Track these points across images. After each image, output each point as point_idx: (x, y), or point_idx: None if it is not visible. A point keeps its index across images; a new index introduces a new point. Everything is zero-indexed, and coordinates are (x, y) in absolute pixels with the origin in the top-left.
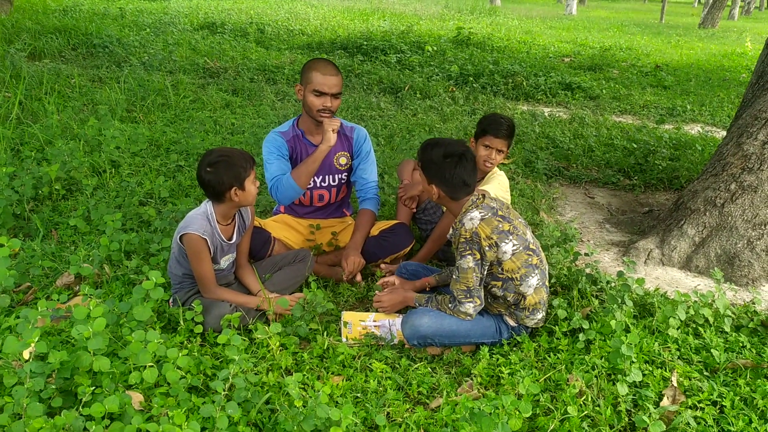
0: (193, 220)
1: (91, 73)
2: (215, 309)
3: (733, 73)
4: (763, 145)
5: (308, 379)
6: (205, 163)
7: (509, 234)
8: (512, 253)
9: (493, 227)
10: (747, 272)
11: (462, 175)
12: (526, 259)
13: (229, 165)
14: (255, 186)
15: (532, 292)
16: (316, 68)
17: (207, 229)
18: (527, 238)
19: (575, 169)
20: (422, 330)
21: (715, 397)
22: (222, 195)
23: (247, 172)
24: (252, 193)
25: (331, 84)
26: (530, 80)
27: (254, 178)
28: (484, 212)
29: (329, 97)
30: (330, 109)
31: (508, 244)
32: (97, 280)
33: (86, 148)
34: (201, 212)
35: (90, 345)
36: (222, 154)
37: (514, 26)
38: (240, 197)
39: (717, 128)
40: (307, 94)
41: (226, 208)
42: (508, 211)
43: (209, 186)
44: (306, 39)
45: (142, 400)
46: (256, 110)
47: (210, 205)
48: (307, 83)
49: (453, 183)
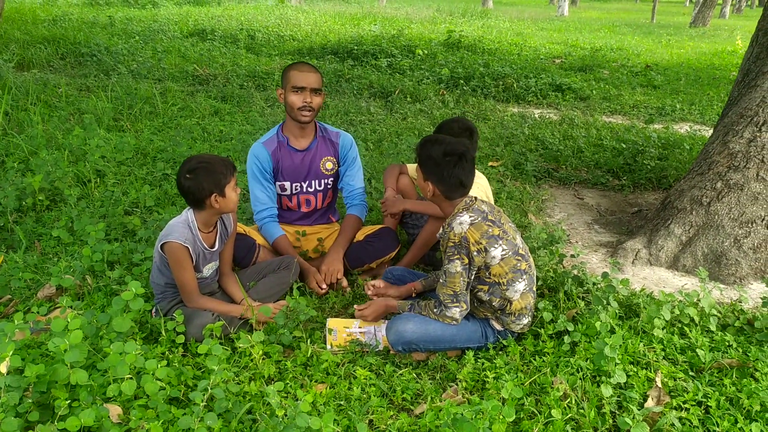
0: (174, 228)
1: (78, 82)
2: (197, 318)
3: (724, 72)
4: (749, 143)
5: (291, 388)
6: (185, 170)
7: (499, 239)
8: (501, 258)
9: (483, 232)
10: (734, 270)
11: (460, 175)
12: (515, 264)
13: (209, 171)
14: (236, 193)
15: (518, 297)
16: (293, 68)
17: (188, 237)
18: (517, 243)
19: (564, 170)
20: (407, 336)
21: (701, 397)
22: (202, 202)
23: (228, 178)
24: (233, 200)
25: (310, 79)
26: (521, 82)
27: (235, 184)
28: (474, 216)
29: (308, 92)
30: (311, 105)
31: (497, 249)
32: (79, 292)
33: (71, 157)
34: (182, 220)
35: (67, 358)
36: (201, 161)
37: (505, 28)
38: (221, 204)
39: (706, 127)
40: (288, 95)
41: (207, 216)
42: (499, 215)
43: (189, 193)
44: (297, 44)
45: (120, 413)
46: (245, 117)
47: (191, 213)
48: (287, 83)
49: (450, 182)
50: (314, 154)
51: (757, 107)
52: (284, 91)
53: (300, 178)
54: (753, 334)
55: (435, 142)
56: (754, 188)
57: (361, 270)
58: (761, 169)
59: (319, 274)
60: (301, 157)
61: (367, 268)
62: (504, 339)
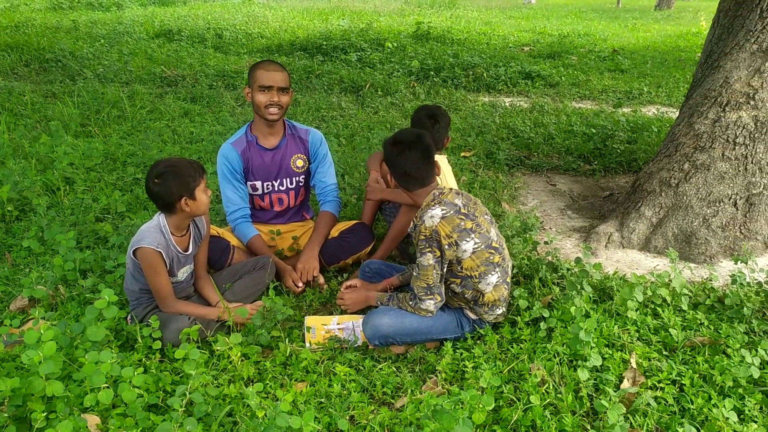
0: (145, 233)
1: (44, 88)
2: (173, 323)
3: (689, 53)
4: (714, 123)
5: (271, 388)
6: (153, 175)
7: (471, 232)
8: (472, 252)
9: (454, 225)
10: (704, 249)
11: (405, 165)
12: (487, 257)
13: (177, 175)
14: (207, 195)
15: (491, 290)
16: (260, 67)
17: (161, 242)
18: (490, 236)
19: (536, 157)
20: (383, 330)
21: (675, 375)
22: (173, 206)
23: (197, 181)
24: (204, 203)
25: (276, 78)
26: (490, 71)
27: (205, 187)
28: (446, 210)
29: (275, 91)
30: (278, 104)
31: (469, 242)
32: (52, 302)
33: (39, 166)
34: (154, 225)
35: (41, 370)
36: (169, 165)
37: (473, 18)
38: (191, 207)
39: (673, 108)
40: (255, 94)
41: (178, 219)
42: (474, 207)
43: (159, 198)
44: (265, 42)
45: (99, 423)
46: (215, 117)
47: (162, 218)
48: (253, 82)
49: (399, 171)
50: (284, 153)
51: (720, 88)
52: (251, 90)
53: (271, 177)
54: (724, 311)
55: (394, 134)
56: (720, 168)
57: (337, 266)
58: (726, 149)
59: (295, 273)
60: (270, 156)
61: (342, 264)
62: (480, 327)
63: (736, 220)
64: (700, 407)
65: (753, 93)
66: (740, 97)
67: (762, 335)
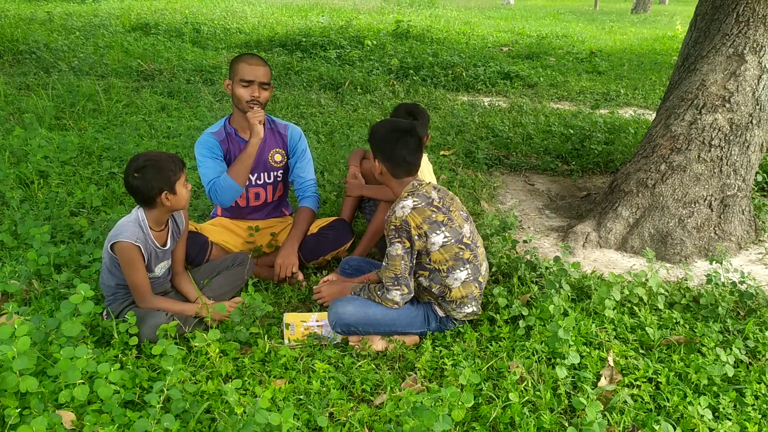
0: (124, 227)
1: (17, 80)
2: (150, 319)
3: (665, 57)
4: (690, 125)
5: (249, 385)
6: (132, 169)
7: (441, 225)
8: (441, 245)
9: (425, 217)
10: (679, 250)
11: (403, 152)
12: (457, 252)
13: (158, 169)
14: (187, 189)
15: (458, 285)
16: (242, 60)
17: (140, 237)
18: (462, 232)
19: (515, 157)
20: (345, 318)
21: (651, 374)
22: (152, 200)
23: (177, 175)
24: (184, 197)
25: (258, 73)
26: (470, 71)
27: (185, 180)
28: (418, 201)
29: (257, 86)
30: (258, 99)
31: (438, 235)
32: (25, 297)
33: (12, 159)
34: (132, 219)
35: (15, 365)
36: (149, 159)
37: (453, 17)
38: (172, 201)
39: (649, 110)
40: (236, 87)
41: (158, 214)
42: (450, 202)
43: (138, 192)
44: (244, 37)
45: (74, 419)
46: (193, 112)
47: (141, 212)
48: (234, 75)
49: (394, 159)
50: (262, 147)
51: (696, 90)
52: (232, 82)
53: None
54: (699, 310)
55: (384, 121)
56: (696, 169)
57: (316, 263)
58: (702, 151)
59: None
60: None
61: (322, 261)
62: (446, 327)
63: (710, 221)
64: (675, 405)
65: (729, 96)
66: (716, 99)
67: (736, 334)
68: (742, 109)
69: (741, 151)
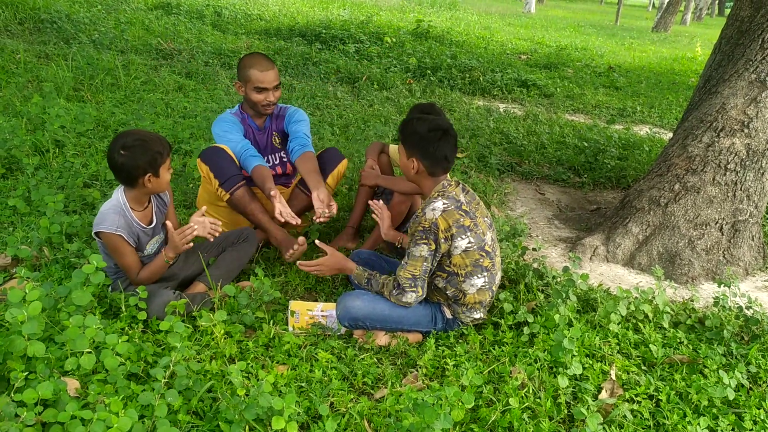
0: (104, 216)
1: (37, 49)
2: (159, 297)
3: (683, 77)
4: (707, 147)
5: (252, 368)
6: (119, 146)
7: (468, 230)
8: (464, 250)
9: (454, 220)
10: (687, 270)
11: (444, 150)
12: (477, 259)
13: (146, 150)
14: (169, 173)
15: (474, 292)
16: (253, 66)
17: (120, 224)
18: (485, 239)
19: (527, 165)
20: (353, 312)
21: (652, 390)
22: (135, 181)
23: (164, 158)
24: (165, 181)
25: (271, 79)
26: (487, 76)
27: (169, 165)
28: (448, 204)
29: (271, 90)
30: (272, 102)
31: (463, 240)
32: (35, 263)
33: (29, 126)
34: (112, 205)
35: (24, 329)
36: (138, 138)
37: (473, 21)
38: (153, 184)
39: (664, 130)
40: (249, 92)
41: (138, 194)
42: (476, 207)
43: (122, 170)
44: (264, 24)
45: (78, 387)
46: (209, 94)
47: (121, 194)
48: (247, 81)
49: (435, 157)
50: (269, 132)
51: (716, 113)
52: (244, 86)
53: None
54: (703, 332)
55: (419, 119)
56: (710, 192)
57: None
58: (717, 174)
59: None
60: (260, 135)
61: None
62: (452, 327)
63: (720, 244)
64: (674, 423)
65: (748, 121)
66: (735, 124)
67: (739, 358)
68: (760, 135)
69: (756, 177)
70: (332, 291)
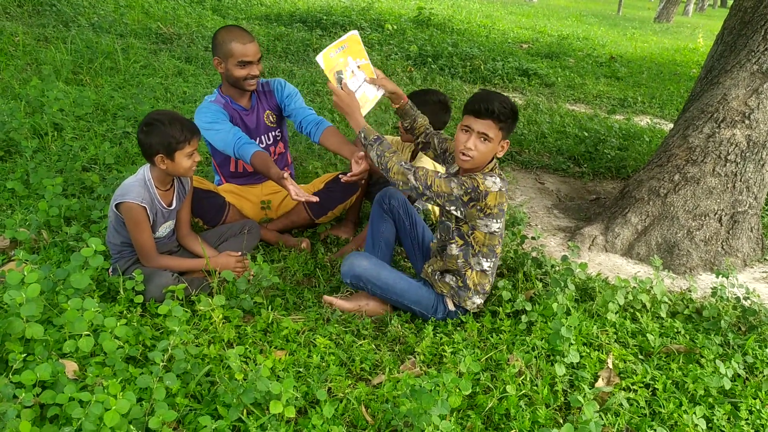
0: (129, 188)
1: (36, 31)
2: (157, 278)
3: (684, 68)
4: (708, 138)
5: (250, 353)
6: (144, 122)
7: (503, 216)
8: (491, 231)
9: (500, 202)
10: (685, 261)
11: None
12: (495, 244)
13: (161, 132)
14: (192, 160)
15: (478, 270)
16: (234, 39)
17: (146, 197)
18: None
19: (527, 154)
20: (358, 270)
21: (648, 379)
22: (151, 158)
23: (180, 144)
24: (182, 166)
25: (254, 51)
26: (488, 64)
27: (191, 152)
28: (503, 185)
29: (254, 64)
30: (256, 75)
31: (498, 223)
32: (34, 246)
33: (27, 108)
34: (138, 179)
35: (23, 311)
36: (159, 118)
37: (475, 9)
38: (168, 166)
39: (665, 121)
40: (231, 68)
41: (159, 173)
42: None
43: (141, 146)
44: (265, 10)
45: (76, 369)
46: (209, 79)
47: (148, 171)
48: (228, 56)
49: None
50: (258, 111)
51: (717, 104)
52: (225, 62)
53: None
54: (700, 322)
55: (508, 98)
56: (709, 183)
57: (325, 219)
58: (717, 165)
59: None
60: (247, 116)
61: (331, 216)
62: (452, 319)
63: (719, 235)
64: (670, 412)
65: (749, 112)
66: (736, 115)
67: (736, 349)
68: (761, 126)
69: (756, 169)
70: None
